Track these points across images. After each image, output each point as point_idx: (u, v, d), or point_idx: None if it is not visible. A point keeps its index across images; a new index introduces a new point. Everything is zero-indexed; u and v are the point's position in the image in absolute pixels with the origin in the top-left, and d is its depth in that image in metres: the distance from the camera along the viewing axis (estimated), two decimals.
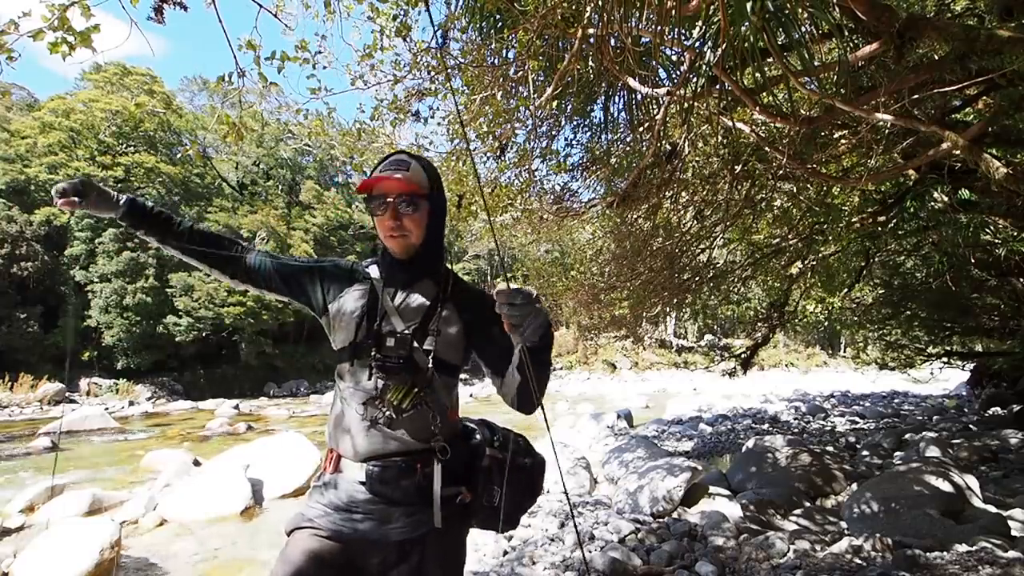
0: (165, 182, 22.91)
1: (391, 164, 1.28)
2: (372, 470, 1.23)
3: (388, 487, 1.23)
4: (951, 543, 3.29)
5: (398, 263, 1.32)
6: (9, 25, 1.76)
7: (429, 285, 1.32)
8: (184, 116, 26.20)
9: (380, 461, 1.24)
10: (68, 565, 3.78)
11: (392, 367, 1.21)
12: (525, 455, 1.34)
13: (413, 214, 1.26)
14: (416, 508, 1.23)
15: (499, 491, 1.26)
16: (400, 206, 1.25)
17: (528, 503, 1.37)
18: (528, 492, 1.35)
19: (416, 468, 1.24)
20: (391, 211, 1.24)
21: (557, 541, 3.84)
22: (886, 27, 1.87)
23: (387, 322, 1.28)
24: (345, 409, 1.29)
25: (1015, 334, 8.22)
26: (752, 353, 8.30)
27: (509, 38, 2.88)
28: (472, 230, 5.60)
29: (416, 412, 1.23)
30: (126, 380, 19.54)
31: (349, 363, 1.28)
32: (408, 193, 1.25)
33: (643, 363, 31.99)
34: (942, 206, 4.08)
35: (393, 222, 1.25)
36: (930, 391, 16.78)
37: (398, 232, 1.26)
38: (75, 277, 19.94)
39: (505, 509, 1.26)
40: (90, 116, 20.83)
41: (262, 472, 6.29)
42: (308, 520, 1.25)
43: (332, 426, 1.32)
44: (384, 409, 1.22)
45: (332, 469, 1.29)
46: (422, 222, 1.29)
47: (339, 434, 1.29)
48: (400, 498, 1.23)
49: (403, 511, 1.23)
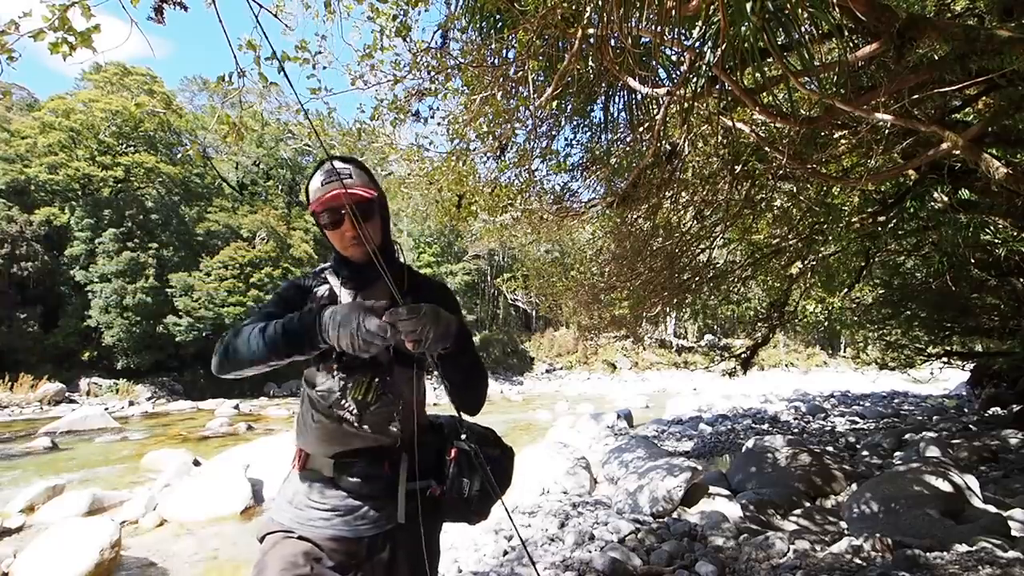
0: (165, 182, 22.90)
1: (332, 175, 1.26)
2: (340, 466, 1.25)
3: (355, 483, 1.24)
4: (951, 543, 3.29)
5: (356, 266, 1.32)
6: (9, 25, 1.76)
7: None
8: (184, 116, 26.19)
9: (347, 458, 1.26)
10: (68, 565, 3.78)
11: (353, 365, 1.22)
12: (494, 446, 1.37)
13: (371, 219, 1.28)
14: (384, 502, 1.25)
15: (469, 483, 1.27)
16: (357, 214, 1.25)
17: (499, 494, 1.38)
18: (499, 483, 1.36)
19: (383, 463, 1.25)
20: (348, 220, 1.24)
21: (557, 541, 3.84)
22: (886, 27, 1.87)
23: None
24: (311, 410, 1.29)
25: (1015, 334, 8.22)
26: (752, 353, 8.30)
27: (509, 38, 2.88)
28: (472, 230, 5.59)
29: (380, 406, 1.24)
30: (126, 380, 19.52)
31: (315, 367, 1.28)
32: (362, 199, 1.25)
33: (643, 363, 31.98)
34: (942, 206, 4.08)
35: (353, 231, 1.25)
36: (930, 391, 16.79)
37: (358, 240, 1.26)
38: (75, 277, 19.92)
39: (476, 501, 1.28)
40: (90, 116, 20.80)
41: (262, 472, 6.30)
42: (279, 524, 1.26)
43: (299, 426, 1.34)
44: (348, 406, 1.22)
45: (300, 467, 1.30)
46: (377, 225, 1.31)
47: (306, 433, 1.30)
48: (368, 492, 1.25)
49: (371, 505, 1.25)
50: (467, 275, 30.79)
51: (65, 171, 19.96)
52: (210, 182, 26.05)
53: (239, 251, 22.23)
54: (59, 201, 20.42)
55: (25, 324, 18.40)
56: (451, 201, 4.39)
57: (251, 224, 23.85)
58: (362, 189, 1.26)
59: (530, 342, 33.71)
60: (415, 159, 4.06)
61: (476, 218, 4.80)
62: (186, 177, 24.24)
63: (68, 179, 20.09)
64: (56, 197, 20.37)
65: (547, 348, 33.43)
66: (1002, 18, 2.19)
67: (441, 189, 4.23)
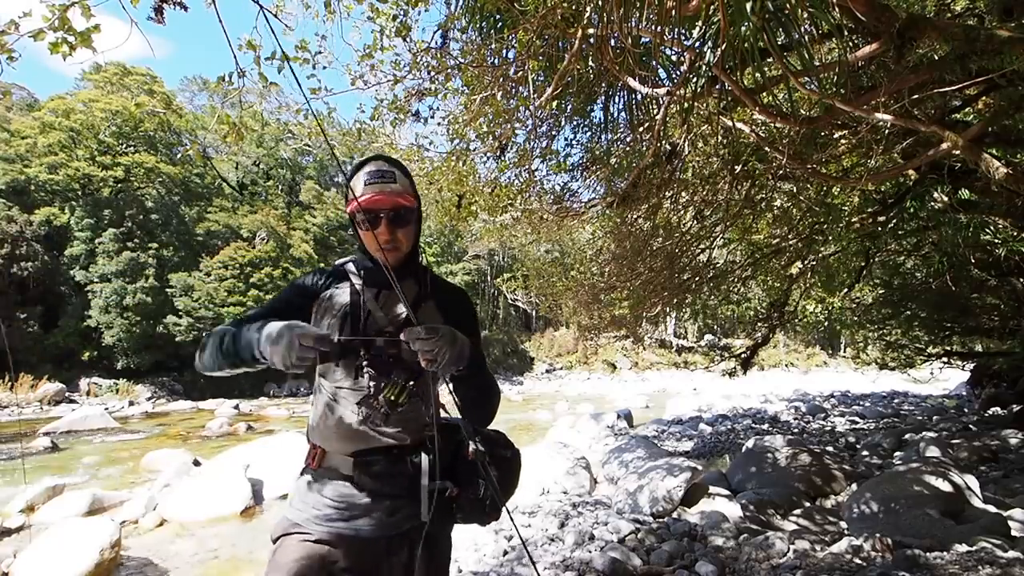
0: (165, 182, 22.92)
1: (377, 176, 1.26)
2: (359, 464, 1.24)
3: (377, 481, 1.24)
4: (951, 543, 3.29)
5: (380, 265, 1.31)
6: (9, 25, 1.76)
7: (410, 283, 1.34)
8: (184, 116, 26.19)
9: (369, 455, 1.25)
10: (68, 565, 3.78)
11: (383, 366, 1.23)
12: (505, 447, 1.38)
13: (407, 227, 1.29)
14: (404, 502, 1.25)
15: (483, 484, 1.28)
16: (395, 221, 1.26)
17: (509, 494, 1.39)
18: (510, 483, 1.38)
19: (405, 462, 1.26)
20: (386, 226, 1.25)
21: (557, 541, 3.85)
22: (886, 27, 1.87)
23: (372, 321, 1.29)
24: (334, 407, 1.28)
25: (1015, 334, 8.21)
26: (752, 353, 8.30)
27: (509, 38, 2.88)
28: (472, 230, 5.60)
29: (410, 407, 1.25)
30: (126, 380, 19.53)
31: (335, 363, 1.28)
32: (403, 207, 1.26)
33: (643, 363, 31.99)
34: (942, 206, 4.08)
35: (388, 236, 1.25)
36: (930, 391, 16.79)
37: (392, 245, 1.27)
38: (75, 277, 19.92)
39: (489, 501, 1.29)
40: (90, 116, 20.81)
41: (262, 472, 6.30)
42: (295, 525, 1.25)
43: (317, 424, 1.32)
44: (379, 407, 1.23)
45: (316, 465, 1.29)
46: (413, 231, 1.32)
47: (326, 432, 1.29)
48: (389, 491, 1.24)
49: (391, 506, 1.24)
50: (467, 275, 30.80)
51: (65, 171, 19.97)
52: (210, 182, 26.05)
53: (239, 251, 22.25)
54: (59, 201, 20.43)
55: (25, 324, 18.41)
56: (451, 201, 4.39)
57: (251, 224, 23.86)
58: (404, 197, 1.26)
59: (530, 342, 33.72)
60: (415, 159, 4.06)
61: (476, 218, 4.80)
62: (186, 177, 24.24)
63: (68, 179, 20.09)
64: (56, 197, 20.37)
65: (547, 348, 33.45)
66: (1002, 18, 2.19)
67: (441, 189, 4.23)
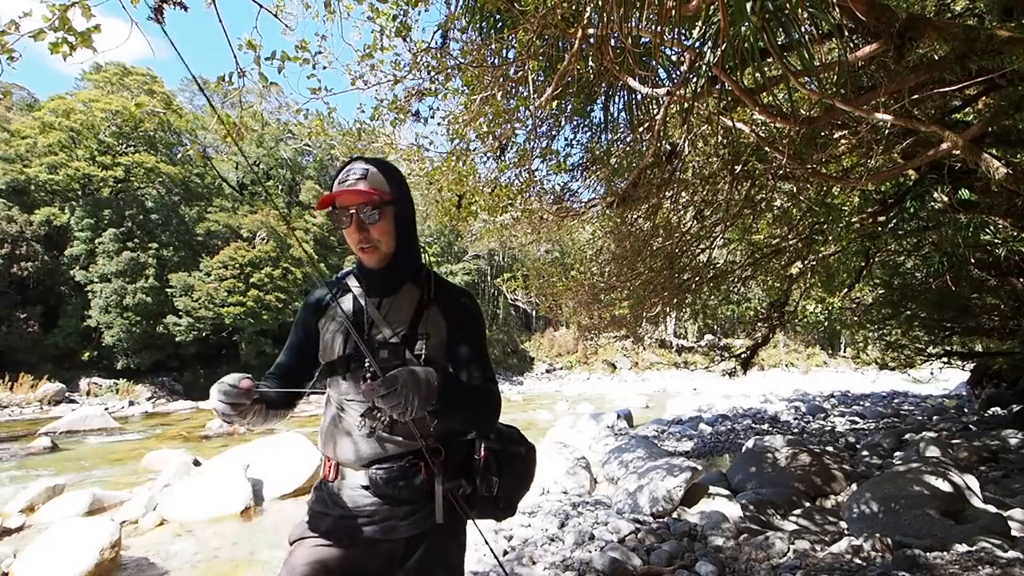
0: (165, 182, 22.90)
1: (348, 173, 1.25)
2: (375, 474, 1.24)
3: (393, 488, 1.24)
4: (951, 543, 3.29)
5: (376, 272, 1.31)
6: (10, 25, 1.76)
7: (412, 289, 1.32)
8: (184, 116, 26.17)
9: (382, 464, 1.25)
10: (68, 565, 3.78)
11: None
12: (518, 444, 1.37)
13: (379, 223, 1.24)
14: (419, 506, 1.25)
15: (497, 481, 1.28)
16: (363, 216, 1.22)
17: (524, 490, 1.39)
18: (524, 480, 1.37)
19: (419, 467, 1.25)
20: (355, 223, 1.22)
21: (557, 541, 3.84)
22: (886, 27, 1.87)
23: (376, 331, 1.27)
24: (342, 417, 1.29)
25: (1015, 334, 8.21)
26: (752, 353, 8.30)
27: (509, 38, 2.88)
28: (472, 230, 5.59)
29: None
30: (126, 380, 19.52)
31: (342, 375, 1.28)
32: (368, 203, 1.22)
33: (643, 363, 31.99)
34: (942, 206, 4.07)
35: (359, 234, 1.23)
36: (930, 391, 16.78)
37: (367, 244, 1.24)
38: (75, 277, 19.92)
39: (503, 498, 1.29)
40: (90, 116, 20.79)
41: (262, 472, 6.30)
42: (310, 529, 1.26)
43: (326, 435, 1.33)
44: (382, 418, 1.21)
45: (333, 476, 1.30)
46: (389, 229, 1.26)
47: (336, 442, 1.30)
48: (406, 497, 1.24)
49: (407, 510, 1.24)
50: (467, 275, 30.78)
51: (65, 171, 19.95)
52: (210, 182, 26.03)
53: (239, 251, 22.23)
54: (59, 201, 20.42)
55: (25, 324, 18.40)
56: (451, 201, 4.39)
57: (251, 224, 23.85)
58: (372, 191, 1.22)
59: (530, 342, 33.71)
60: (415, 159, 4.06)
61: (476, 218, 4.80)
62: (186, 177, 24.22)
63: (68, 179, 20.08)
64: (56, 197, 20.36)
65: (547, 348, 33.44)
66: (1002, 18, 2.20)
67: (441, 189, 4.23)
